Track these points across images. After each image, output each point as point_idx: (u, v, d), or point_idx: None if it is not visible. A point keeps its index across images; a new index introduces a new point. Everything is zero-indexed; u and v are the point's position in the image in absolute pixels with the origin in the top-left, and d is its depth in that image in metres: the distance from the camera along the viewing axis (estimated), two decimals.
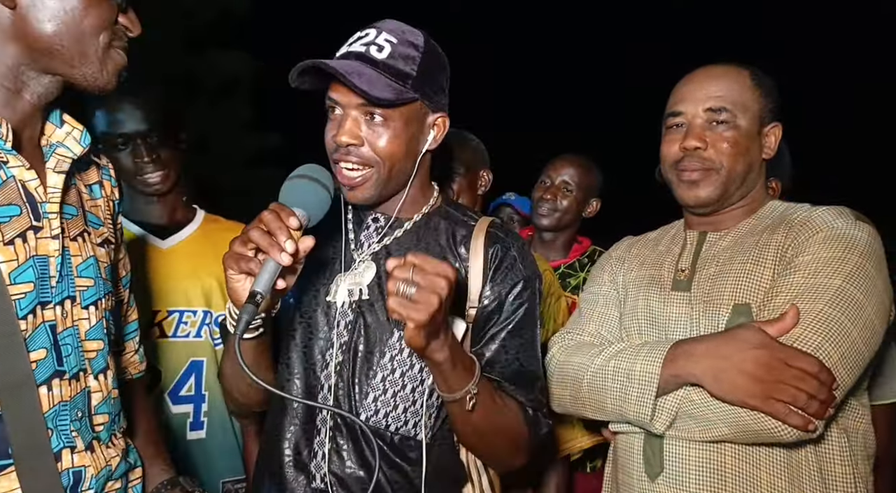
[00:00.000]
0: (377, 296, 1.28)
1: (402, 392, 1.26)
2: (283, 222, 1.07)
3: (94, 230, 1.16)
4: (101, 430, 1.10)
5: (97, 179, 1.22)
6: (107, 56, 1.00)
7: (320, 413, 1.26)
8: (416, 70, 1.23)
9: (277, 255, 1.04)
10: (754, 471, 1.23)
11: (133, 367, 1.38)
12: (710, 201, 1.39)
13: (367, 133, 1.22)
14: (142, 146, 1.80)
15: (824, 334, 1.14)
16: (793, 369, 1.11)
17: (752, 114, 1.38)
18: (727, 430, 1.19)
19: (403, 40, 1.23)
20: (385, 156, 1.23)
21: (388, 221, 1.33)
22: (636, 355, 1.28)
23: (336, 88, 1.23)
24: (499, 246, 1.30)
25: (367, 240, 1.33)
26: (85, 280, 1.09)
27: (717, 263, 1.38)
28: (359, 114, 1.22)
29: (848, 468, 1.23)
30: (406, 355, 1.26)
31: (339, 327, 1.28)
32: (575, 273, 2.37)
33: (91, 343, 1.09)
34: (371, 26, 1.26)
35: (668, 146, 1.43)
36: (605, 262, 1.64)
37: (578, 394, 1.38)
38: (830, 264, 1.21)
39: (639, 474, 1.35)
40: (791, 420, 1.10)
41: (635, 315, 1.46)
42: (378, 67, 1.20)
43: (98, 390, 1.10)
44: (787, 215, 1.36)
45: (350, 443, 1.25)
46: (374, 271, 1.29)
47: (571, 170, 2.36)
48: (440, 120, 1.30)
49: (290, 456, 1.27)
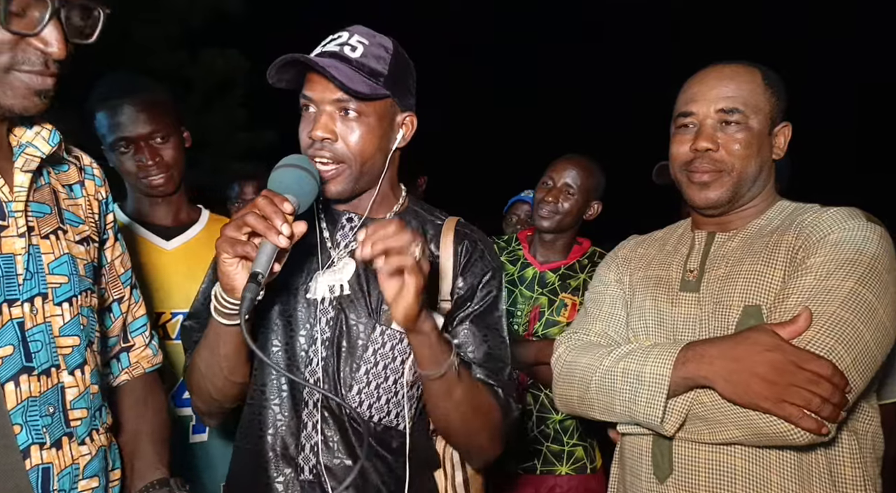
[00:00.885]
0: (358, 292, 1.32)
1: (384, 384, 1.31)
2: (277, 207, 1.10)
3: (72, 228, 1.17)
4: (79, 425, 1.11)
5: (78, 178, 1.23)
6: (5, 80, 0.96)
7: (306, 408, 1.29)
8: (388, 69, 1.29)
9: (275, 237, 1.08)
10: (765, 473, 1.22)
11: (146, 361, 1.39)
12: (721, 203, 1.38)
13: (341, 128, 1.27)
14: (144, 149, 1.82)
15: (837, 337, 1.13)
16: (806, 372, 1.10)
17: (764, 114, 1.37)
18: (738, 432, 1.18)
19: (374, 43, 1.30)
20: (358, 151, 1.27)
21: (362, 219, 1.37)
22: (646, 357, 1.27)
23: (311, 85, 1.28)
24: (467, 242, 1.39)
25: (344, 239, 1.36)
26: (58, 277, 1.11)
27: (726, 264, 1.37)
28: (333, 109, 1.26)
29: (858, 471, 1.22)
30: (388, 349, 1.31)
31: (321, 323, 1.31)
32: (575, 274, 2.36)
33: (65, 339, 1.11)
34: (342, 30, 1.31)
35: (678, 147, 1.42)
36: (612, 261, 1.62)
37: (586, 395, 1.37)
38: (843, 266, 1.21)
39: (647, 475, 1.34)
40: (804, 424, 1.09)
41: (643, 316, 1.45)
42: (352, 65, 1.25)
43: (74, 385, 1.11)
44: (798, 216, 1.35)
45: (338, 434, 1.29)
46: (354, 267, 1.33)
47: (574, 172, 2.34)
48: (409, 119, 1.36)
49: (277, 451, 1.29)
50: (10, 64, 0.96)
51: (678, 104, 1.44)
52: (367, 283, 1.33)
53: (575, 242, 2.43)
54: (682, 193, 1.47)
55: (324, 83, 1.26)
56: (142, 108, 1.81)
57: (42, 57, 0.98)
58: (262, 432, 1.30)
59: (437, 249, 1.37)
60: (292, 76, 1.29)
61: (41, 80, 0.99)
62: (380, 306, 1.32)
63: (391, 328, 1.31)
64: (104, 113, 1.81)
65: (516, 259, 2.45)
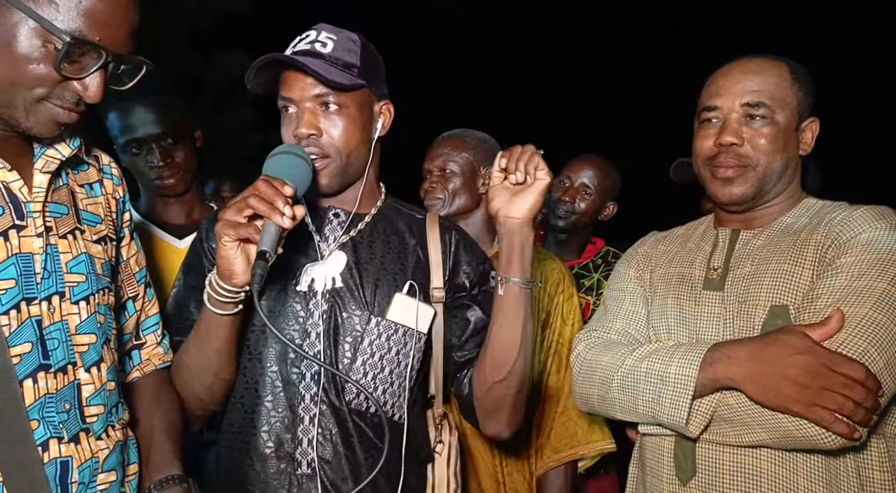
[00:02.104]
0: (351, 284, 1.34)
1: (381, 374, 1.33)
2: (278, 189, 1.12)
3: (90, 228, 1.18)
4: (95, 421, 1.12)
5: (97, 178, 1.25)
6: (35, 108, 1.02)
7: (302, 402, 1.30)
8: (360, 61, 1.32)
9: (279, 218, 1.09)
10: (791, 476, 1.20)
11: (157, 358, 1.39)
12: (746, 199, 1.36)
13: (324, 123, 1.29)
14: (156, 150, 1.84)
15: (870, 339, 1.11)
16: (839, 375, 1.07)
17: (791, 109, 1.34)
18: (766, 435, 1.16)
19: (343, 37, 1.33)
20: (343, 143, 1.31)
21: (349, 215, 1.40)
22: (671, 357, 1.24)
23: (288, 85, 1.30)
24: (453, 232, 1.45)
25: (332, 233, 1.39)
26: (75, 276, 1.12)
27: (752, 262, 1.34)
28: (314, 105, 1.29)
29: (887, 475, 1.20)
30: (384, 339, 1.33)
31: (315, 317, 1.32)
32: (589, 274, 2.35)
33: (82, 337, 1.12)
34: (310, 30, 1.34)
35: (702, 141, 1.39)
36: (632, 258, 1.59)
37: (607, 394, 1.35)
38: (875, 266, 1.18)
39: (669, 477, 1.32)
40: (836, 428, 1.07)
41: (664, 314, 1.43)
42: (326, 60, 1.28)
43: (90, 382, 1.12)
44: (826, 215, 1.32)
45: (337, 427, 1.29)
46: (345, 260, 1.35)
47: (591, 172, 2.33)
48: (386, 107, 1.40)
49: (272, 447, 1.30)
50: (44, 96, 1.01)
51: (702, 98, 1.41)
52: (360, 275, 1.34)
53: (589, 242, 2.41)
54: (705, 189, 1.44)
55: (301, 81, 1.29)
56: (153, 109, 1.83)
57: (76, 96, 1.03)
58: (254, 429, 1.30)
59: (423, 240, 1.42)
60: (268, 78, 1.32)
61: (68, 115, 1.05)
62: (374, 297, 1.34)
63: (387, 319, 1.33)
64: (116, 114, 1.83)
65: None
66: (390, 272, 1.37)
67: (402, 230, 1.43)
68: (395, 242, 1.41)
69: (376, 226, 1.41)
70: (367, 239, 1.39)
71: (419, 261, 1.40)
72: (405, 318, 1.34)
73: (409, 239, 1.42)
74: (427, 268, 1.40)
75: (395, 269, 1.37)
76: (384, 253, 1.38)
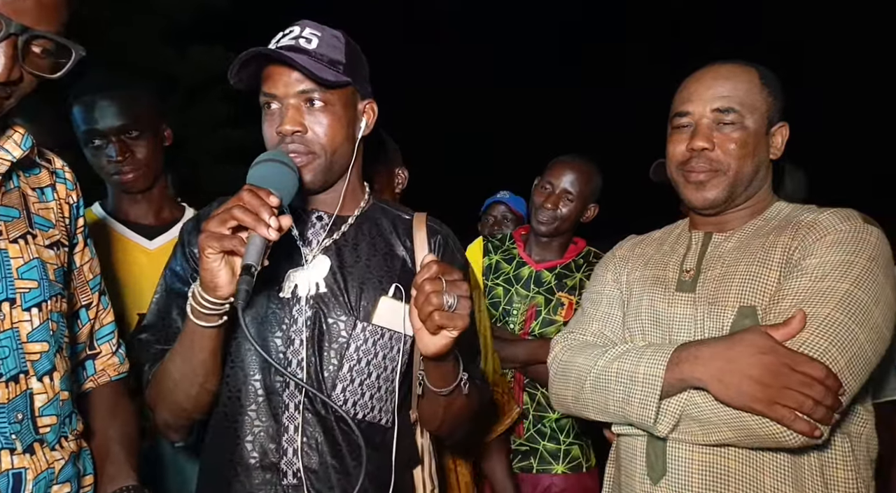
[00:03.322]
0: (335, 289, 1.31)
1: (367, 380, 1.31)
2: (263, 200, 1.08)
3: (42, 233, 1.15)
4: (48, 432, 1.10)
5: (49, 182, 1.21)
6: None
7: (286, 411, 1.27)
8: (345, 58, 1.30)
9: (265, 230, 1.06)
10: (758, 475, 1.22)
11: (112, 369, 1.37)
12: (717, 203, 1.38)
13: (309, 120, 1.27)
14: (115, 143, 1.79)
15: (831, 339, 1.13)
16: (799, 374, 1.09)
17: (760, 114, 1.36)
18: (731, 434, 1.18)
19: (327, 34, 1.30)
20: (328, 141, 1.28)
21: (332, 218, 1.37)
22: (640, 358, 1.27)
23: (272, 81, 1.27)
24: (439, 236, 1.42)
25: (315, 237, 1.35)
26: (27, 282, 1.09)
27: (722, 264, 1.36)
28: (298, 102, 1.26)
29: (851, 473, 1.22)
30: (370, 345, 1.30)
31: (298, 323, 1.29)
32: (571, 274, 2.36)
33: (34, 345, 1.09)
34: (293, 25, 1.31)
35: (675, 146, 1.41)
36: (609, 261, 1.62)
37: (581, 395, 1.37)
38: (838, 267, 1.20)
39: (641, 476, 1.34)
40: (797, 426, 1.09)
41: (639, 315, 1.45)
42: (312, 56, 1.26)
43: (42, 391, 1.09)
44: (794, 217, 1.35)
45: (322, 435, 1.27)
46: (328, 264, 1.32)
47: (573, 176, 2.32)
48: (369, 106, 1.37)
49: (256, 458, 1.27)
50: None
51: (675, 104, 1.44)
52: (344, 280, 1.32)
53: (570, 242, 2.43)
54: (678, 193, 1.46)
55: (286, 77, 1.26)
56: (115, 102, 1.79)
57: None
58: (238, 440, 1.28)
59: (409, 242, 1.40)
60: (251, 73, 1.29)
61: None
62: (359, 302, 1.31)
63: (373, 324, 1.31)
64: (79, 107, 1.80)
65: (511, 258, 2.44)
66: (376, 275, 1.34)
67: (387, 232, 1.40)
68: (381, 244, 1.38)
69: (360, 228, 1.39)
70: (352, 242, 1.36)
71: (405, 263, 1.38)
72: (391, 321, 1.32)
73: (395, 240, 1.39)
74: (414, 270, 1.37)
75: (380, 272, 1.35)
76: (369, 256, 1.36)
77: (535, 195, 2.38)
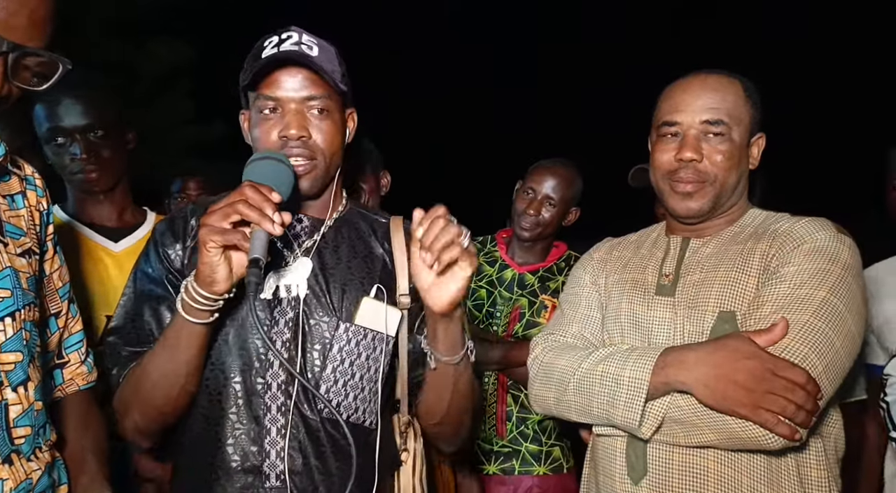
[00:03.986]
0: (317, 291, 1.31)
1: (351, 381, 1.30)
2: (266, 196, 1.10)
3: (14, 241, 1.13)
4: (23, 443, 1.08)
5: (20, 189, 1.19)
6: None
7: (268, 413, 1.26)
8: (339, 66, 1.33)
9: (269, 225, 1.07)
10: (736, 475, 1.26)
11: (80, 378, 1.34)
12: (703, 213, 1.41)
13: (311, 127, 1.28)
14: (80, 142, 1.75)
15: (811, 345, 1.17)
16: (782, 379, 1.13)
17: (744, 126, 1.40)
18: (713, 436, 1.21)
19: (321, 42, 1.31)
20: (328, 147, 1.30)
21: (312, 221, 1.38)
22: (625, 361, 1.29)
23: (278, 84, 1.27)
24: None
25: (296, 239, 1.36)
26: (0, 291, 1.07)
27: (701, 269, 1.40)
28: (301, 108, 1.28)
29: (823, 472, 1.27)
30: (353, 345, 1.30)
31: (280, 325, 1.29)
32: (554, 277, 2.39)
33: (8, 355, 1.08)
34: (286, 30, 1.30)
35: (662, 155, 1.43)
36: (587, 263, 1.64)
37: (563, 397, 1.38)
38: (816, 275, 1.25)
39: (621, 476, 1.36)
40: (779, 430, 1.13)
41: (618, 318, 1.47)
42: (316, 64, 1.27)
43: (17, 402, 1.08)
44: (770, 225, 1.39)
45: (305, 437, 1.26)
46: (310, 266, 1.32)
47: (554, 182, 2.33)
48: (351, 115, 1.41)
49: (238, 461, 1.26)
50: None
51: (660, 112, 1.45)
52: (326, 282, 1.32)
53: (552, 246, 2.46)
54: (662, 202, 1.49)
55: (293, 82, 1.27)
56: (80, 100, 1.74)
57: None
58: (219, 443, 1.26)
59: (388, 244, 1.41)
60: (255, 75, 1.28)
61: None
62: (341, 303, 1.32)
63: (355, 325, 1.31)
64: (41, 106, 1.75)
65: (494, 260, 2.45)
66: (357, 277, 1.35)
67: (366, 234, 1.41)
68: (360, 246, 1.39)
69: (340, 231, 1.40)
70: (332, 244, 1.37)
71: (385, 266, 1.39)
72: (374, 322, 1.32)
73: (374, 243, 1.41)
74: (393, 273, 1.38)
75: (361, 273, 1.36)
76: (350, 257, 1.37)
77: (516, 201, 2.39)
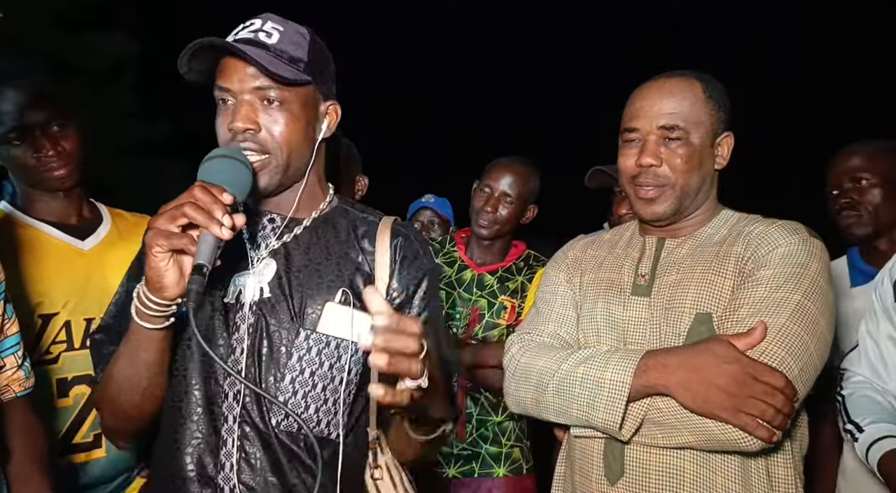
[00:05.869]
0: (279, 295, 1.25)
1: (312, 392, 1.23)
2: (216, 197, 1.04)
3: None
4: None
5: None
6: None
7: (225, 423, 1.21)
8: (307, 56, 1.25)
9: (217, 229, 1.01)
10: (711, 475, 1.28)
11: (17, 384, 1.27)
12: (666, 216, 1.43)
13: (263, 118, 1.21)
14: (42, 138, 1.63)
15: (787, 348, 1.20)
16: (762, 383, 1.16)
17: (706, 128, 1.41)
18: (692, 438, 1.23)
19: (290, 29, 1.25)
20: (283, 141, 1.22)
21: (285, 221, 1.31)
22: (606, 363, 1.29)
23: (226, 75, 1.21)
24: (401, 238, 1.34)
25: (264, 240, 1.30)
26: None
27: (677, 270, 1.41)
28: (254, 99, 1.21)
29: (790, 470, 1.32)
30: (314, 354, 1.24)
31: (240, 331, 1.23)
32: (513, 277, 2.38)
33: None
34: (254, 18, 1.25)
35: (625, 160, 1.46)
36: (561, 261, 1.63)
37: (542, 397, 1.37)
38: (790, 279, 1.27)
39: (598, 477, 1.37)
40: (758, 433, 1.15)
41: (594, 318, 1.48)
42: (270, 51, 1.20)
43: None
44: (743, 227, 1.42)
45: (261, 451, 1.21)
46: (275, 268, 1.26)
47: (511, 178, 2.33)
48: (332, 108, 1.32)
49: (194, 471, 1.21)
50: None
51: (623, 118, 1.48)
52: (290, 286, 1.25)
53: (511, 246, 2.45)
54: (630, 204, 1.51)
55: (241, 71, 1.19)
56: (33, 93, 1.62)
57: None
58: (178, 451, 1.21)
59: (371, 246, 1.33)
60: (204, 66, 1.22)
61: None
62: (303, 309, 1.24)
63: (317, 332, 1.24)
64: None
65: (453, 261, 2.43)
66: (326, 280, 1.27)
67: (344, 235, 1.33)
68: (337, 248, 1.31)
69: (315, 231, 1.32)
70: (304, 245, 1.29)
71: (361, 268, 1.31)
72: (338, 329, 1.24)
73: (353, 244, 1.33)
74: (371, 274, 1.31)
75: (331, 277, 1.27)
76: (322, 260, 1.29)
77: (474, 199, 2.38)
